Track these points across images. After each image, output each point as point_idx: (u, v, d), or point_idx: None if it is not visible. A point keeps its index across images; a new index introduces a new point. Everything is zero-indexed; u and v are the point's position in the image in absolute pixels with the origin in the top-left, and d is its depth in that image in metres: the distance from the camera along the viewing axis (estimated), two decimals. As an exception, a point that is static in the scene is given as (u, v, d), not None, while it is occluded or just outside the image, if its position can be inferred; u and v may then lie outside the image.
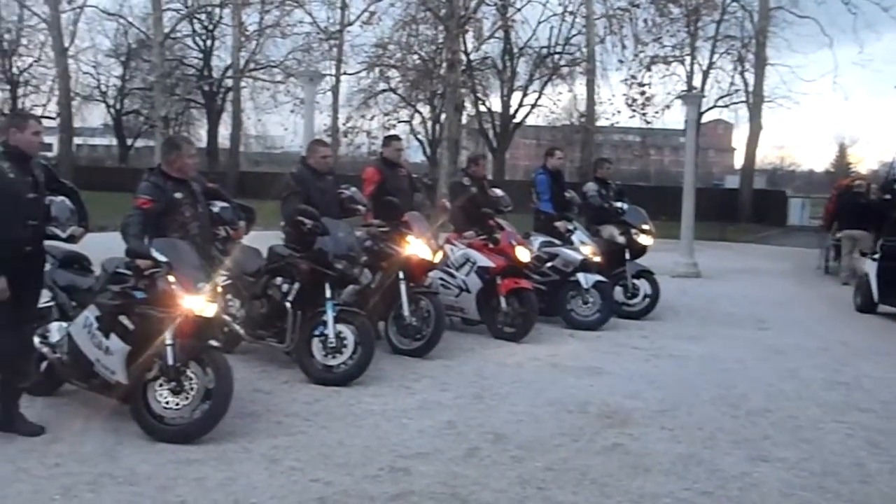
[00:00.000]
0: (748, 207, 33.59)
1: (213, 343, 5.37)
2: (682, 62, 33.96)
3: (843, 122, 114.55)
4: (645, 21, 26.11)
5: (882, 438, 5.84)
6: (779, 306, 12.07)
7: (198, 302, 5.19)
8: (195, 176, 6.09)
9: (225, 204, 6.40)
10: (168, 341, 5.16)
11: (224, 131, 45.41)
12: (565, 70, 35.73)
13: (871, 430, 6.01)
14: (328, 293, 6.84)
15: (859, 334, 10.10)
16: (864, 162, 51.25)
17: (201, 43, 46.03)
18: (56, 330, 5.78)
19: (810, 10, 33.19)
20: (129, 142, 53.04)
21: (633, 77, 28.30)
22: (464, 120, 31.02)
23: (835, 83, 51.44)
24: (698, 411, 6.36)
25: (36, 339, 5.65)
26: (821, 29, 36.15)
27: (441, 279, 8.85)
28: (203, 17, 42.88)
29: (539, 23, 35.72)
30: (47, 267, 5.70)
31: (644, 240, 10.42)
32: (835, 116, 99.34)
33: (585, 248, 9.65)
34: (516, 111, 39.31)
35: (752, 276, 15.81)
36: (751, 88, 35.39)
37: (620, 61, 28.46)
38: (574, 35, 34.58)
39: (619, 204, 10.53)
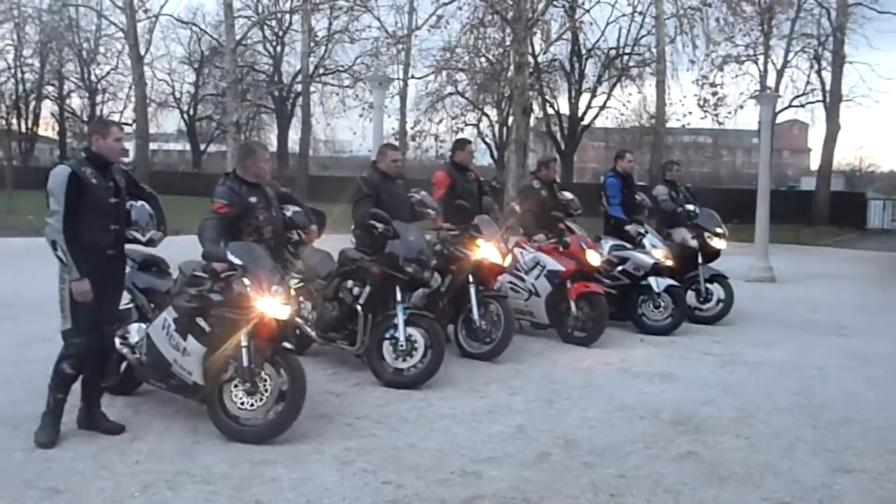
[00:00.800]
0: (825, 210, 32.72)
1: (287, 345, 5.44)
2: (756, 61, 33.30)
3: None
4: (717, 20, 25.55)
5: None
6: (860, 312, 11.72)
7: (272, 304, 5.26)
8: (269, 180, 6.18)
9: (297, 208, 6.48)
10: (243, 343, 5.25)
11: (294, 136, 46.12)
12: (635, 71, 35.29)
13: (962, 441, 5.79)
14: (399, 296, 6.89)
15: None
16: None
17: (272, 49, 46.86)
18: (135, 331, 5.91)
19: (891, 6, 32.14)
20: (201, 147, 54.21)
21: (705, 77, 27.79)
22: (531, 122, 30.86)
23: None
24: (775, 419, 6.21)
25: (116, 340, 5.79)
26: (903, 25, 35.07)
27: (511, 283, 8.83)
28: (273, 23, 43.65)
29: (608, 23, 35.48)
30: (127, 270, 5.84)
31: (717, 243, 10.25)
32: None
33: (657, 252, 9.52)
34: (584, 113, 38.99)
35: (830, 281, 15.39)
36: (828, 87, 34.47)
37: (691, 61, 27.95)
38: (643, 35, 34.15)
39: (691, 207, 10.37)
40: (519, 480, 4.85)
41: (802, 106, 37.66)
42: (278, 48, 46.51)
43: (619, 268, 9.48)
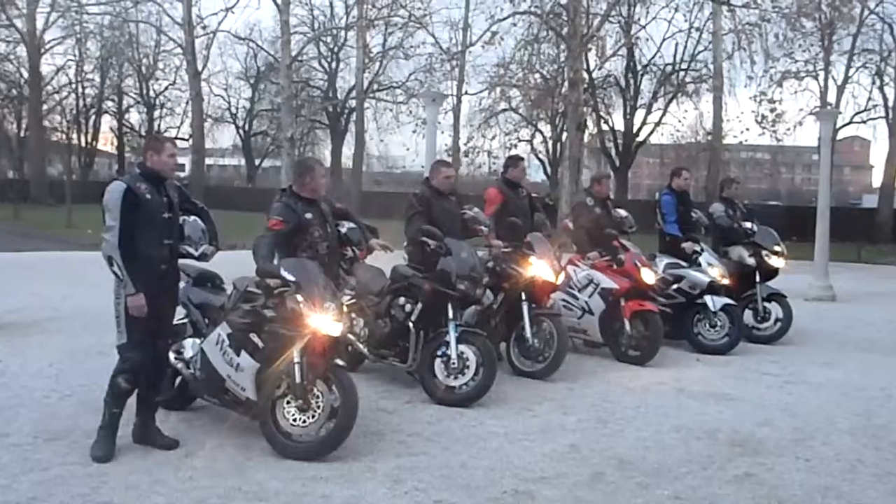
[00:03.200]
0: (888, 227, 32.10)
1: (339, 362, 5.45)
2: (816, 77, 32.90)
3: None
4: (776, 36, 25.30)
5: None
6: (924, 332, 11.42)
7: (324, 321, 5.27)
8: (325, 196, 6.22)
9: (352, 225, 6.51)
10: (296, 359, 5.26)
11: (347, 151, 46.59)
12: (691, 87, 35.13)
13: None
14: (451, 314, 6.86)
15: None
16: None
17: (326, 65, 47.44)
18: (190, 346, 5.94)
19: (957, 20, 31.66)
20: (256, 162, 54.97)
21: (763, 93, 27.54)
22: (585, 139, 30.76)
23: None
24: (836, 441, 6.06)
25: (171, 355, 5.83)
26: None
27: (564, 300, 8.76)
28: (329, 39, 44.22)
29: (664, 39, 35.33)
30: (182, 284, 5.91)
31: (775, 261, 10.07)
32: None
33: (713, 271, 9.38)
34: (639, 129, 38.86)
35: (892, 300, 15.00)
36: (890, 103, 34.00)
37: (749, 77, 27.83)
38: (700, 51, 34.05)
39: (748, 224, 10.22)
40: (572, 501, 4.79)
41: (864, 122, 37.13)
42: (333, 64, 47.09)
43: (675, 286, 9.34)
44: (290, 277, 5.29)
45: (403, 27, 27.56)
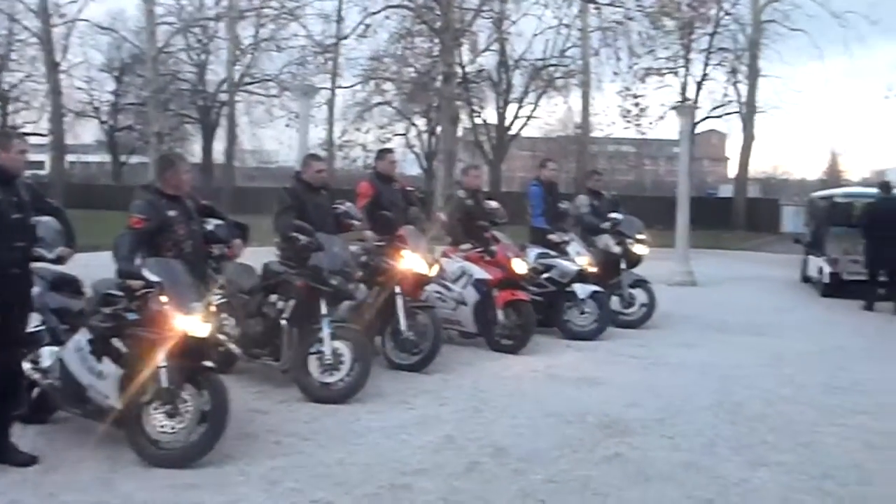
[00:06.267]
0: (742, 216, 33.89)
1: (208, 364, 5.30)
2: (676, 74, 34.12)
3: (834, 131, 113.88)
4: (639, 34, 26.21)
5: (878, 439, 5.94)
6: (775, 312, 12.10)
7: (191, 322, 5.11)
8: (190, 193, 6.04)
9: (219, 221, 6.33)
10: (161, 363, 5.08)
11: (219, 146, 45.37)
12: (560, 82, 35.81)
13: (869, 432, 6.10)
14: (324, 310, 6.78)
15: (857, 338, 10.18)
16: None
17: (195, 57, 45.97)
18: (47, 355, 5.65)
19: (802, 24, 34.06)
20: (122, 158, 52.94)
21: (628, 89, 28.43)
22: (459, 132, 31.02)
23: (826, 94, 52.61)
24: (697, 418, 6.35)
25: (27, 366, 5.52)
26: (811, 41, 36.69)
27: (438, 293, 8.81)
28: (197, 30, 42.91)
29: (534, 35, 35.83)
30: (37, 290, 5.59)
31: (639, 249, 10.43)
32: (826, 126, 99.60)
33: (581, 259, 9.63)
34: (512, 123, 39.43)
35: (748, 284, 15.83)
36: (744, 99, 35.91)
37: (615, 73, 28.54)
38: (569, 47, 34.68)
39: (613, 214, 10.52)
40: (449, 491, 4.83)
41: (720, 117, 39.12)
42: (203, 56, 45.71)
43: (545, 275, 9.54)
44: (154, 278, 5.11)
45: (275, 19, 27.09)
